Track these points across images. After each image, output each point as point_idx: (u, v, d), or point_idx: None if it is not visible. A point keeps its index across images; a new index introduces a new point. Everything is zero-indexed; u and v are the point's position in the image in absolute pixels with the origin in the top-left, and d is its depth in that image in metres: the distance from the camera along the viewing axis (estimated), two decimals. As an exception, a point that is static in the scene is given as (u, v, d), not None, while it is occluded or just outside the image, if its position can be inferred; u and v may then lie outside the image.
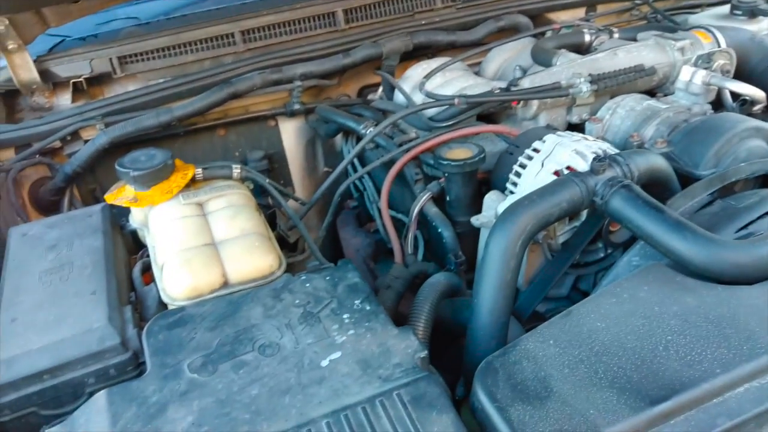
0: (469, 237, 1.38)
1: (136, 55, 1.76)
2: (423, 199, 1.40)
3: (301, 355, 0.90)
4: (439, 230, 1.36)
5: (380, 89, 1.92)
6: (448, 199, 1.39)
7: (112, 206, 1.26)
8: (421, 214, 1.42)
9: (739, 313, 0.88)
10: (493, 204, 1.29)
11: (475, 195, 1.39)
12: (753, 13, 1.88)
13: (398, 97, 1.80)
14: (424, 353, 0.90)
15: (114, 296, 1.04)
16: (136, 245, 1.32)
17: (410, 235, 1.43)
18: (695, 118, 1.32)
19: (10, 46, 1.60)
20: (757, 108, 1.44)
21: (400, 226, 1.50)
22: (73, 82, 1.73)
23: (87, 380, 0.95)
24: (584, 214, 1.22)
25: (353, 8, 1.89)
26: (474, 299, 1.02)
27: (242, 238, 1.11)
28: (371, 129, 1.59)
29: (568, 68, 1.52)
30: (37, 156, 1.60)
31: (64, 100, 1.78)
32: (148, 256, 1.22)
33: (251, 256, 1.08)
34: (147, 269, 1.17)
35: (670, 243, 0.97)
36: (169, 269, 1.05)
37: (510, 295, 1.02)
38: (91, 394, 0.93)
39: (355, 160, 1.64)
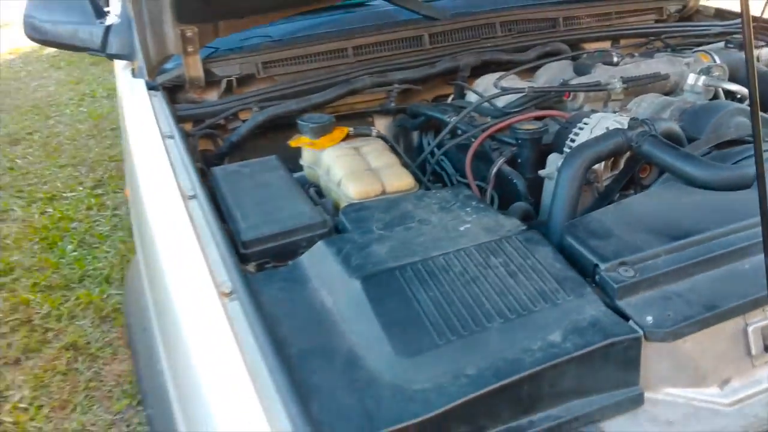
0: (535, 189, 1.89)
1: (274, 62, 2.33)
2: (500, 161, 1.92)
3: (445, 225, 1.40)
4: (514, 181, 1.87)
5: (451, 97, 2.47)
6: (519, 161, 1.91)
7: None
8: (498, 174, 1.93)
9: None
10: (555, 160, 1.81)
11: (539, 159, 1.91)
12: (741, 47, 2.45)
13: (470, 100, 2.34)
14: (526, 226, 1.40)
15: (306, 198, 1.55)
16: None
17: (488, 192, 1.94)
18: (698, 103, 1.85)
19: (190, 49, 2.16)
20: (745, 103, 1.97)
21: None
22: (227, 80, 2.29)
23: (301, 244, 1.44)
24: (622, 164, 1.74)
25: (436, 33, 2.48)
26: (553, 199, 1.53)
27: (389, 167, 1.64)
28: (455, 117, 2.13)
29: (605, 73, 2.07)
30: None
31: (212, 96, 2.34)
32: (308, 188, 1.74)
33: (398, 176, 1.60)
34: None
35: (684, 168, 1.48)
36: (346, 181, 1.58)
37: (577, 200, 1.52)
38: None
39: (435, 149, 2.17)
